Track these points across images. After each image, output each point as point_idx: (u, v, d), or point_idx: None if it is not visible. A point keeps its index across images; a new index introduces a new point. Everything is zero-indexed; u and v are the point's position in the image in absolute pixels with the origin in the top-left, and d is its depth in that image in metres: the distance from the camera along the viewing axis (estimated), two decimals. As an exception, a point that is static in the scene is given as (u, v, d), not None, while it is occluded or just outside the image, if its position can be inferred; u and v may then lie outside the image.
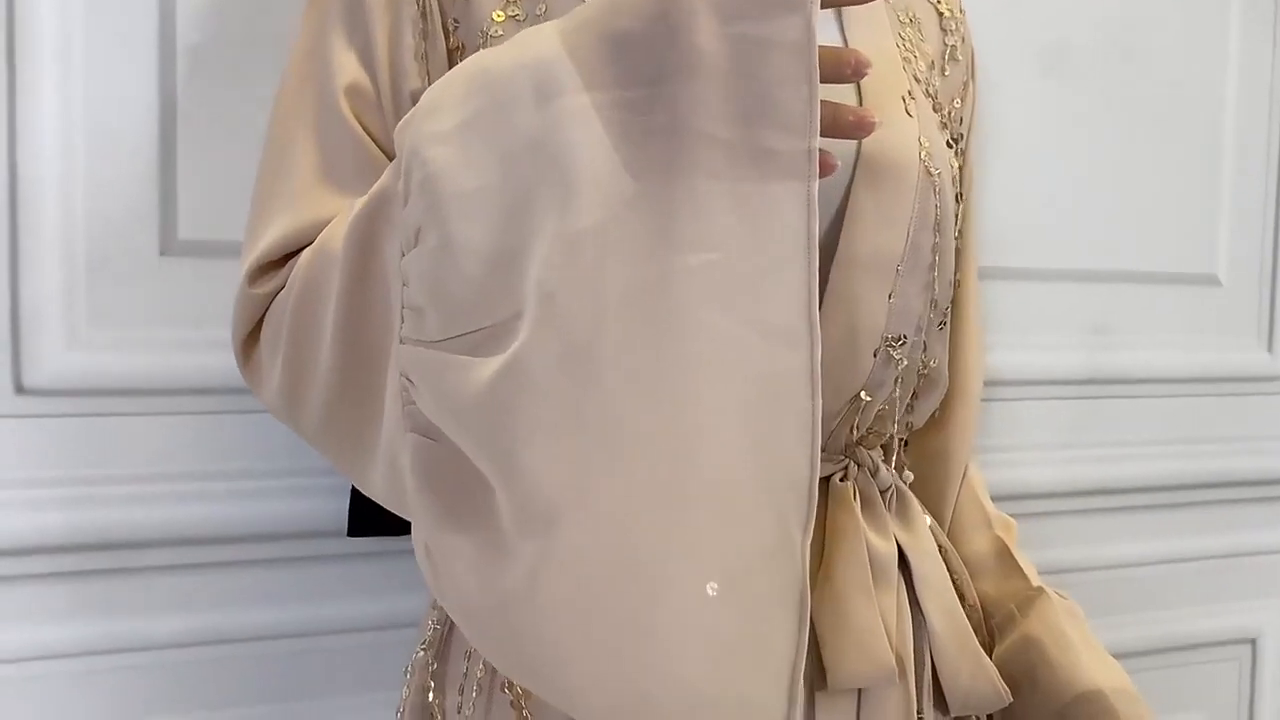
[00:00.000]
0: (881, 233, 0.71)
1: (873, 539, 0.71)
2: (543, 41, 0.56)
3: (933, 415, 0.85)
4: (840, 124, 0.57)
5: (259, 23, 0.83)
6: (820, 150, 0.53)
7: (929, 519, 0.81)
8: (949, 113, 0.82)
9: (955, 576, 0.81)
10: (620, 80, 0.53)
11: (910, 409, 0.80)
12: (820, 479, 0.71)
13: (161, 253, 0.83)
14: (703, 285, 0.52)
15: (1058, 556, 1.12)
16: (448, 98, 0.57)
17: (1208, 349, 1.20)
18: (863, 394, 0.72)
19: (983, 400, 1.09)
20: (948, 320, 0.79)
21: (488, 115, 0.55)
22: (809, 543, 0.53)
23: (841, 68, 0.56)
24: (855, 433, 0.73)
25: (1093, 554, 1.15)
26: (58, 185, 0.79)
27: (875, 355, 0.71)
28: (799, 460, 0.52)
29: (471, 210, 0.54)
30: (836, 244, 0.69)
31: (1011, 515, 0.92)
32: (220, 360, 0.77)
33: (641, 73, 0.53)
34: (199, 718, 0.85)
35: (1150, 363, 1.17)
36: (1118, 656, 0.81)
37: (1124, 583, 1.17)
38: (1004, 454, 1.12)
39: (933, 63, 0.80)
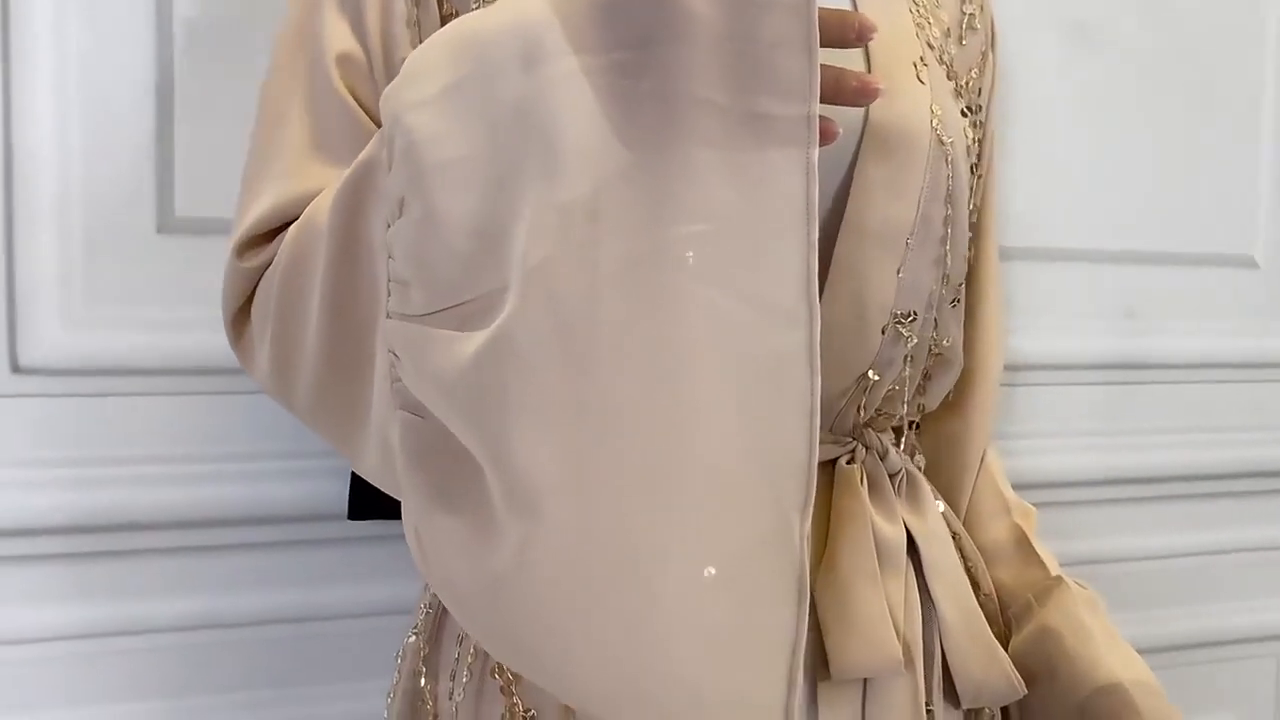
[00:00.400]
0: (891, 204, 0.68)
1: (880, 524, 0.69)
2: (530, 3, 0.53)
3: (947, 398, 0.82)
4: (843, 90, 0.54)
5: (254, 2, 0.82)
6: (821, 117, 0.50)
7: (942, 505, 0.78)
8: (966, 82, 0.80)
9: (969, 564, 0.79)
10: (609, 44, 0.51)
11: (922, 390, 0.78)
12: (826, 462, 0.70)
13: (158, 230, 0.82)
14: (698, 259, 0.50)
15: (1086, 547, 1.09)
16: (431, 63, 0.55)
17: (1244, 333, 1.15)
18: (870, 373, 0.70)
19: (1008, 385, 1.07)
20: (961, 298, 0.76)
21: (472, 81, 0.53)
22: (807, 528, 0.50)
23: (845, 31, 0.54)
24: (863, 414, 0.71)
25: (1123, 545, 1.12)
26: (54, 163, 0.79)
27: (883, 332, 0.69)
28: (797, 442, 0.50)
29: (455, 180, 0.52)
30: (842, 216, 0.67)
31: (1038, 504, 0.90)
32: (219, 339, 0.74)
33: (630, 35, 0.51)
34: (197, 702, 0.84)
35: (1183, 347, 1.13)
36: (1148, 651, 0.78)
37: (1155, 575, 1.14)
38: (1030, 440, 1.09)
39: (948, 30, 0.77)
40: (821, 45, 0.50)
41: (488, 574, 0.52)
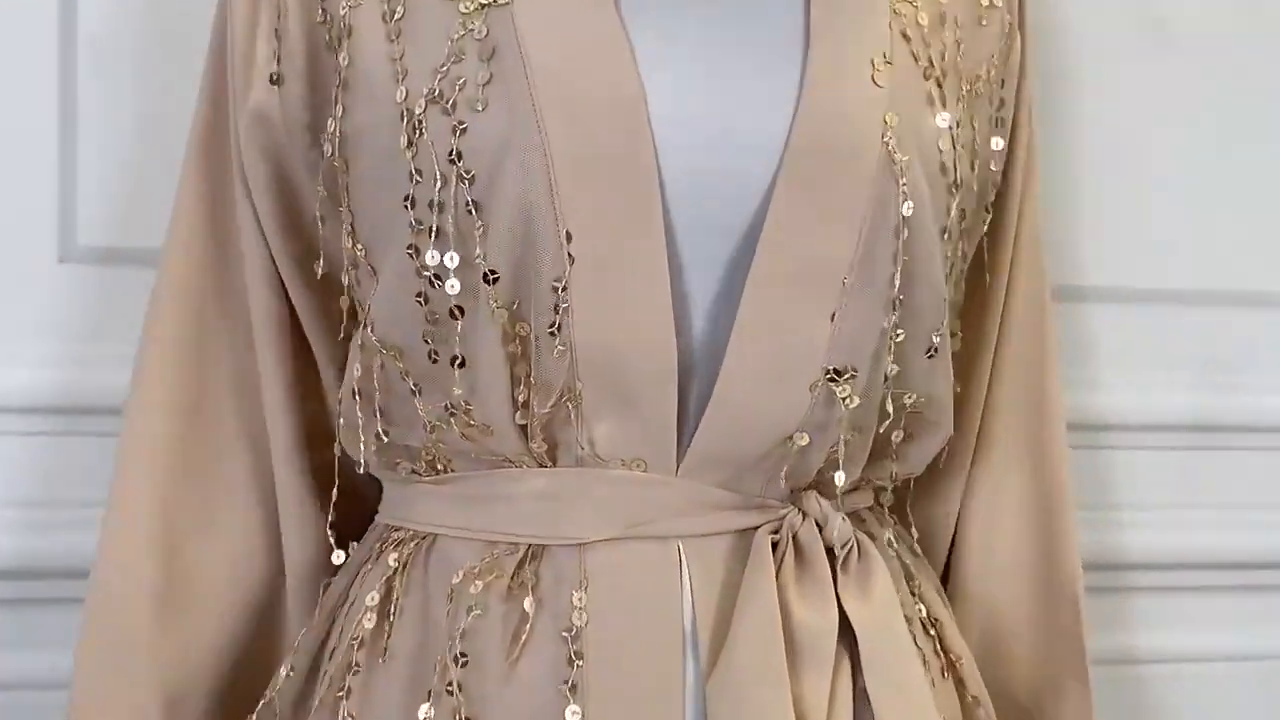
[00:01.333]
0: (817, 237, 0.58)
1: (797, 610, 0.59)
2: None
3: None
4: None
5: (165, 18, 0.80)
6: None
7: (929, 585, 0.69)
8: (980, 77, 0.67)
9: (953, 658, 0.68)
10: None
11: (896, 456, 0.67)
12: (742, 530, 0.60)
13: (60, 259, 0.80)
14: None
15: (1151, 642, 0.95)
16: None
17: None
18: (796, 436, 0.59)
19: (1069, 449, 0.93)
20: (938, 349, 0.64)
21: None
22: None
23: None
24: (788, 481, 0.61)
25: (1196, 642, 0.96)
26: (-53, 190, 0.78)
27: (812, 390, 0.58)
28: None
29: None
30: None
31: (1095, 588, 0.81)
32: (121, 377, 0.71)
33: None
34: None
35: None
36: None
37: (1236, 678, 0.98)
38: (1088, 513, 0.93)
39: (944, 16, 0.65)
40: None
41: None
